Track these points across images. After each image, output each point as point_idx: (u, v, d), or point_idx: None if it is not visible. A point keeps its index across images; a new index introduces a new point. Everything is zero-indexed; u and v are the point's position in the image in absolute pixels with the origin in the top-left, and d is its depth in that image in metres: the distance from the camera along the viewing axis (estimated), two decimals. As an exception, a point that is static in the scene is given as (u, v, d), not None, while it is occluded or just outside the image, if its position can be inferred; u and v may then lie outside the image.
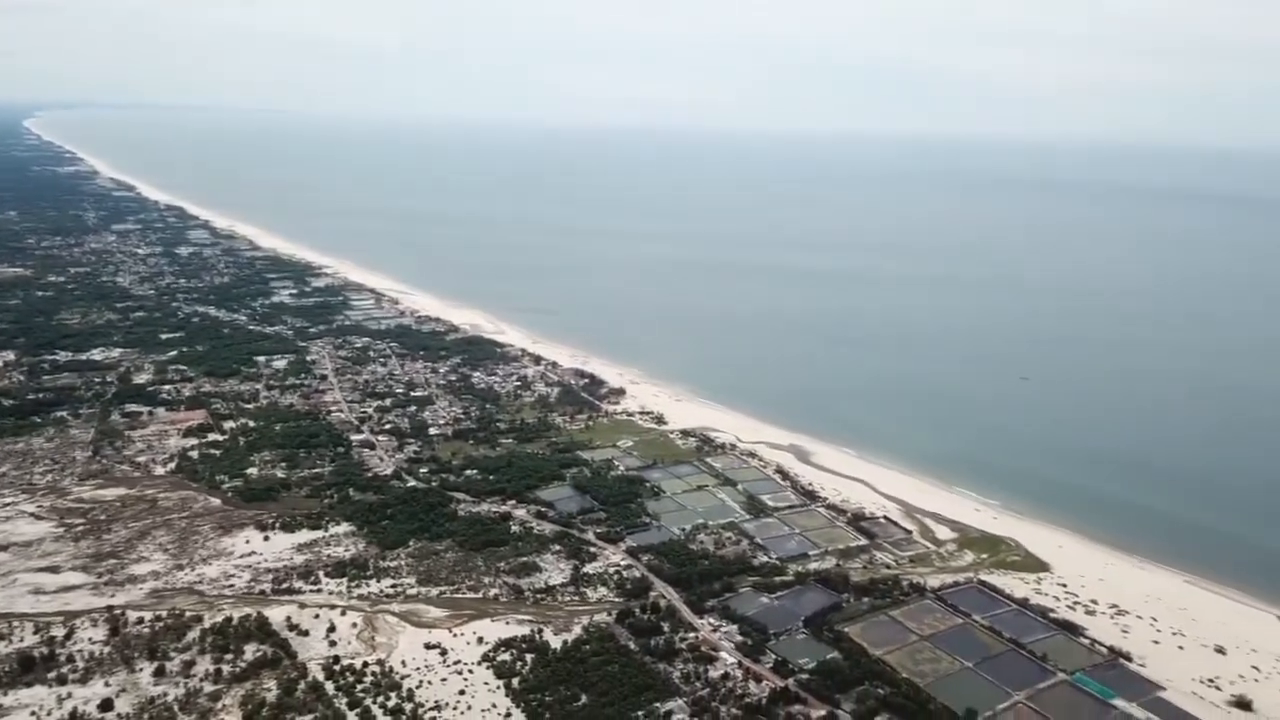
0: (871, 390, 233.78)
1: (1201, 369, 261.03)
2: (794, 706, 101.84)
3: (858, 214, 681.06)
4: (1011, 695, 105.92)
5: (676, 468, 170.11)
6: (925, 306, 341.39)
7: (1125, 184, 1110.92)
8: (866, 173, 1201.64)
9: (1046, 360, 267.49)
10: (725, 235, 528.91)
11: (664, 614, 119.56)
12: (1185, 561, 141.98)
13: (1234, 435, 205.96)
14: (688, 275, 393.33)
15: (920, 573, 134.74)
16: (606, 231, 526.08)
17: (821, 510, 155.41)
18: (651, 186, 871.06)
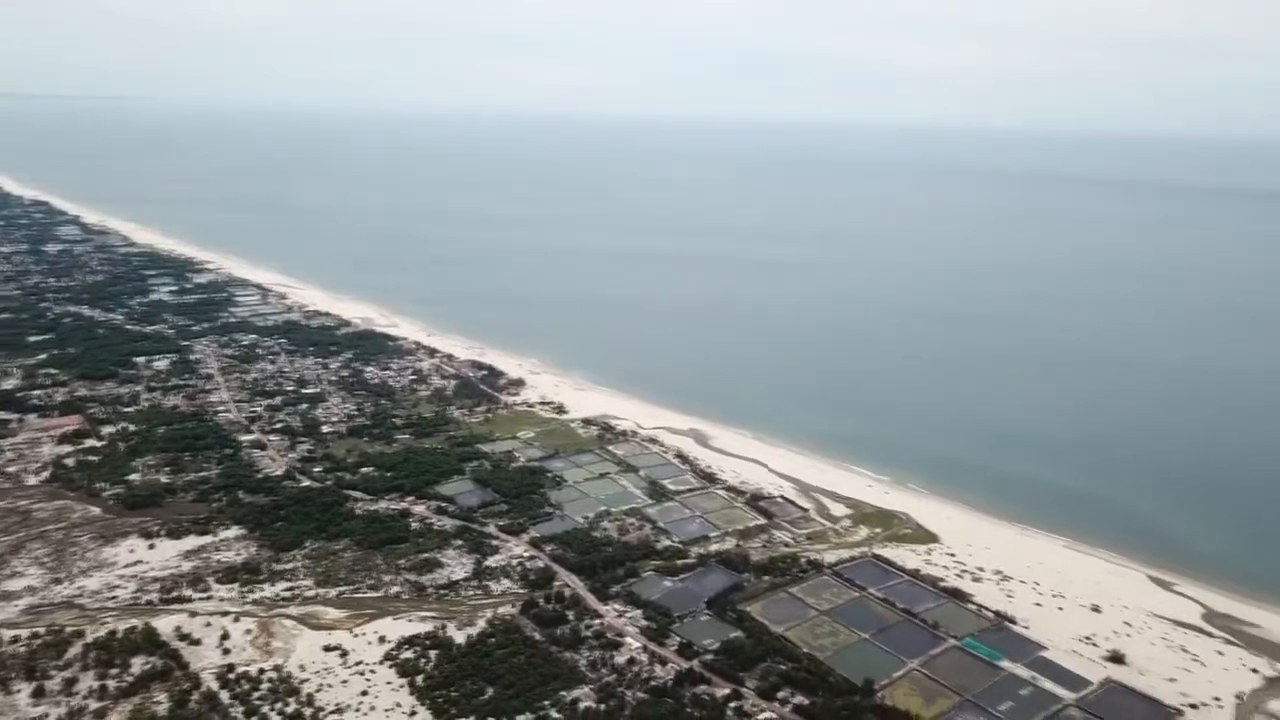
0: (766, 372, 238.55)
1: (1081, 344, 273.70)
2: (699, 687, 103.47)
3: (757, 200, 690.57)
4: (906, 663, 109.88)
5: (578, 457, 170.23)
6: (816, 289, 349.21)
7: (1031, 169, 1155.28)
8: (773, 158, 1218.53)
9: (932, 338, 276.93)
10: (620, 221, 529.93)
11: (569, 603, 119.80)
12: (1064, 527, 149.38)
13: (1110, 406, 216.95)
14: (584, 263, 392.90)
15: (817, 549, 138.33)
16: (499, 220, 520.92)
17: (721, 492, 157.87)
18: (549, 174, 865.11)
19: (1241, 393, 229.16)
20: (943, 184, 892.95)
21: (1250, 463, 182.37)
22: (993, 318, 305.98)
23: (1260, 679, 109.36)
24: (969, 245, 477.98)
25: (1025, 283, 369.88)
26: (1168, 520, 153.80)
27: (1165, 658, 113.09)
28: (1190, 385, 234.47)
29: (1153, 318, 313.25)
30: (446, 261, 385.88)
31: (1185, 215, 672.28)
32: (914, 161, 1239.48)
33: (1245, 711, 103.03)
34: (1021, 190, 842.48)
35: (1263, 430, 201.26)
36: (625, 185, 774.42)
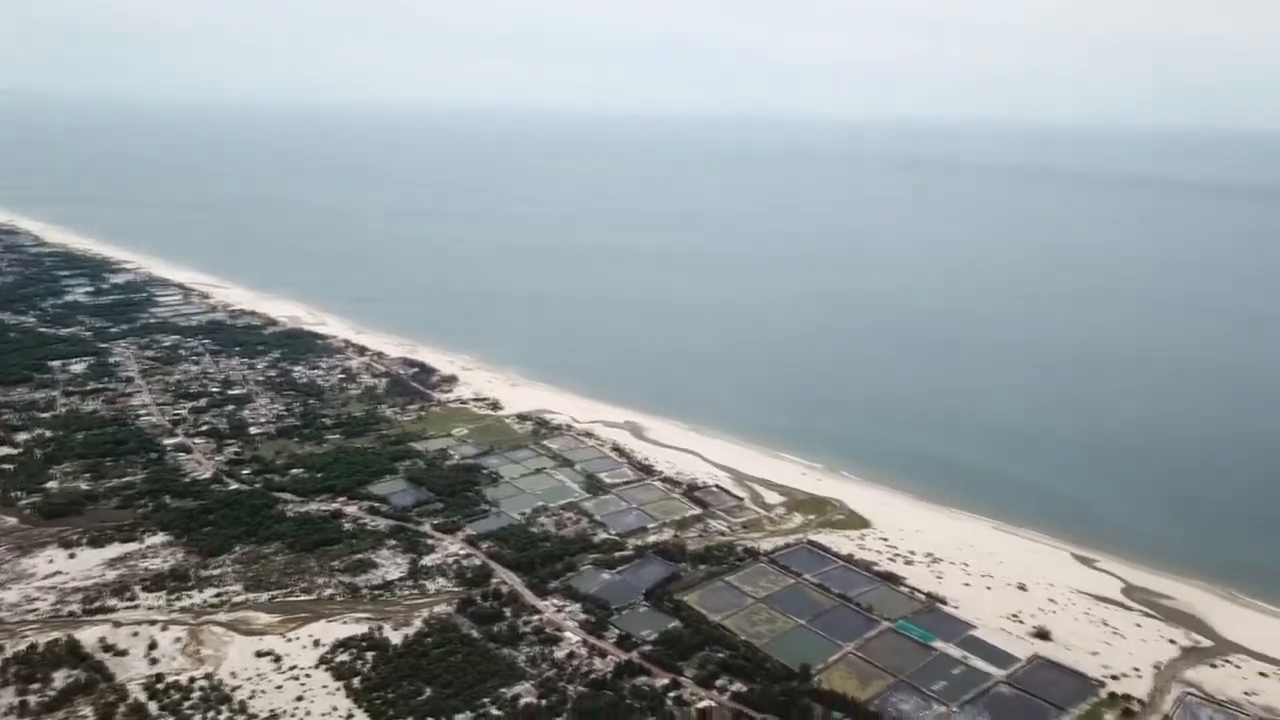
0: (700, 363, 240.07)
1: (1002, 332, 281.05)
2: (639, 678, 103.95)
3: (676, 192, 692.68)
4: (842, 647, 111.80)
5: (514, 452, 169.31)
6: (745, 280, 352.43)
7: (927, 158, 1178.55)
8: (687, 152, 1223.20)
9: (857, 328, 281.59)
10: (546, 216, 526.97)
11: (506, 599, 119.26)
12: (991, 509, 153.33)
13: (1033, 392, 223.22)
14: (513, 257, 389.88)
15: (753, 537, 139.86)
16: (429, 215, 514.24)
17: (657, 483, 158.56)
18: (462, 168, 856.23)
19: (1160, 377, 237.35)
20: (865, 175, 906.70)
21: (1167, 443, 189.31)
22: (915, 307, 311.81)
23: (1177, 649, 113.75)
24: (890, 235, 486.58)
25: (946, 271, 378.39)
26: (1089, 500, 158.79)
27: (1088, 632, 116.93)
28: (1109, 370, 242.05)
29: (1073, 304, 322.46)
30: (376, 258, 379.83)
31: (1049, 200, 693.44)
32: (847, 153, 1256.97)
33: (1163, 680, 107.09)
34: (940, 181, 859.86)
35: (1180, 412, 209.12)
36: (558, 179, 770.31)
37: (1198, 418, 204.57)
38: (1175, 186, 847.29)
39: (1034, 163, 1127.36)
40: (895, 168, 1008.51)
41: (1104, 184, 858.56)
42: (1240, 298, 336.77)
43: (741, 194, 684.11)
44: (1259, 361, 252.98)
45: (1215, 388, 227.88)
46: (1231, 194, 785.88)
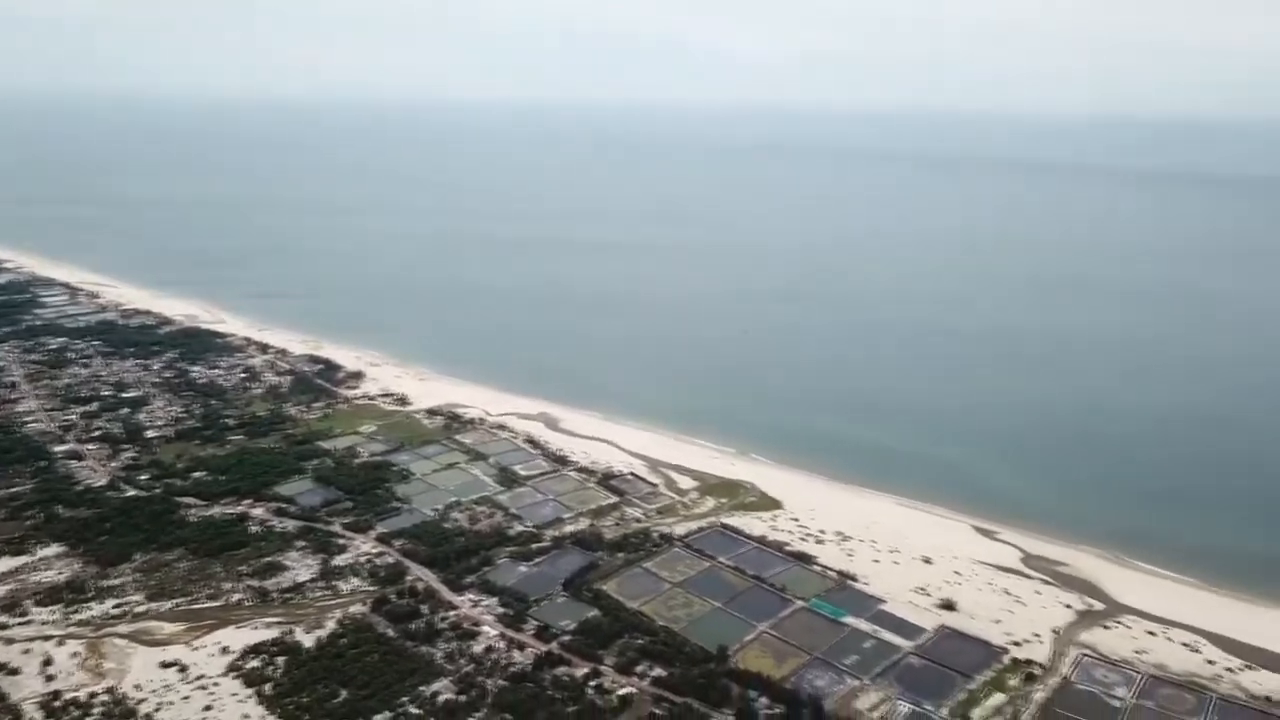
0: (610, 353, 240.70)
1: (908, 315, 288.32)
2: (559, 669, 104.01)
3: (588, 183, 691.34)
4: (757, 627, 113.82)
5: (425, 448, 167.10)
6: (653, 269, 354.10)
7: (833, 147, 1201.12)
8: (601, 141, 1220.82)
9: (768, 314, 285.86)
10: (452, 207, 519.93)
11: (422, 596, 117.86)
12: (897, 486, 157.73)
13: (936, 372, 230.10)
14: (417, 249, 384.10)
15: (668, 523, 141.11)
16: (326, 208, 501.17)
17: (572, 474, 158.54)
18: (372, 159, 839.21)
19: (1053, 353, 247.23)
20: (780, 164, 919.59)
21: (1060, 418, 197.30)
22: (823, 294, 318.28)
23: (1073, 613, 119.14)
24: (805, 222, 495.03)
25: (855, 256, 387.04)
26: (989, 475, 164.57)
27: (991, 601, 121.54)
28: (1006, 350, 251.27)
29: (977, 287, 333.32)
30: (274, 253, 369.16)
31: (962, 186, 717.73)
32: (754, 143, 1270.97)
33: (1061, 644, 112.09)
34: (872, 170, 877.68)
35: (1073, 386, 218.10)
36: (462, 169, 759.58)
37: (1090, 393, 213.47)
38: (1054, 169, 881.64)
39: (938, 150, 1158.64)
40: (826, 156, 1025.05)
41: (1018, 169, 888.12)
42: (1136, 277, 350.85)
43: (656, 186, 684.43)
44: (1153, 338, 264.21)
45: (1109, 363, 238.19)
46: (1085, 173, 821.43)
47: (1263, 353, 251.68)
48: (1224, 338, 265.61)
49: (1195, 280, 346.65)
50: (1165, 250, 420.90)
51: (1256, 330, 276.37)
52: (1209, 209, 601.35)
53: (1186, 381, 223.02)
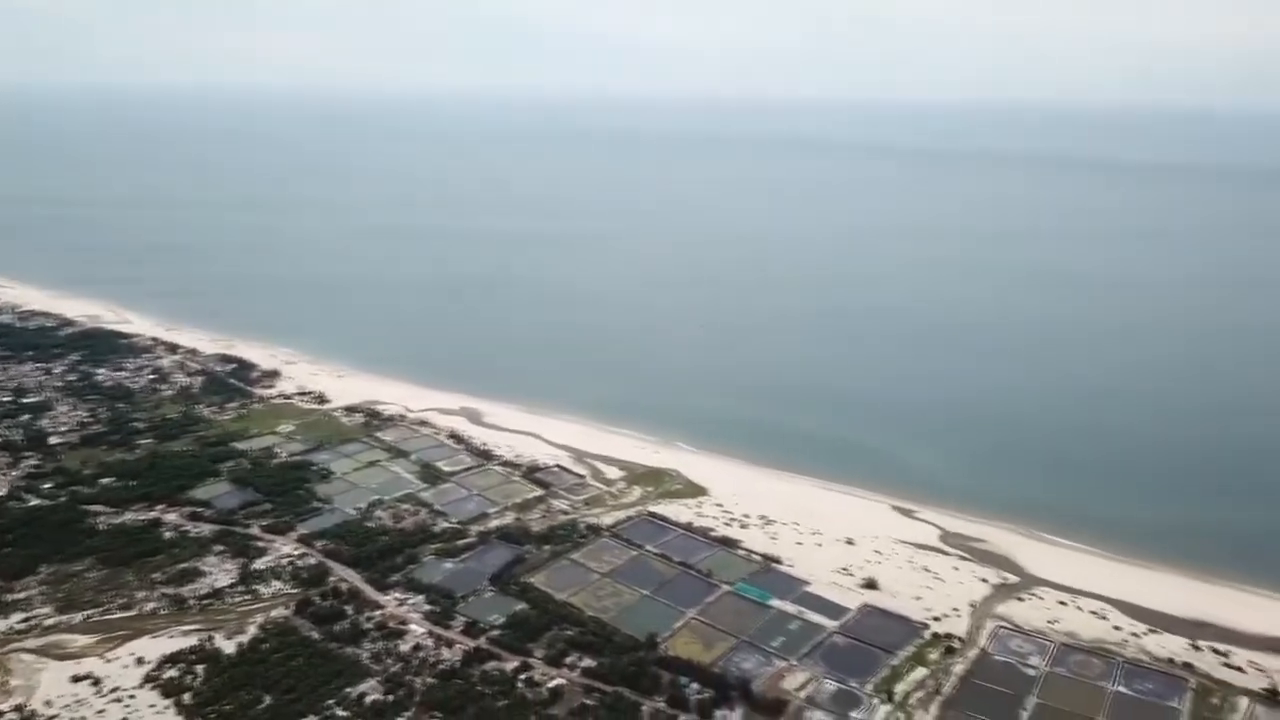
0: (532, 345, 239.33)
1: (825, 301, 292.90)
2: (488, 664, 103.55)
3: (499, 173, 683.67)
4: (685, 613, 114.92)
5: (345, 446, 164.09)
6: (572, 259, 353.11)
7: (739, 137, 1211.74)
8: (496, 132, 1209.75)
9: (685, 303, 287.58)
10: (354, 201, 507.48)
11: (346, 597, 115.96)
12: (818, 469, 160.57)
13: (853, 356, 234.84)
14: (324, 245, 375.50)
15: (595, 513, 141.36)
16: (229, 204, 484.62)
17: (497, 468, 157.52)
18: (275, 152, 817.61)
19: (963, 335, 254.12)
20: (698, 154, 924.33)
21: (973, 399, 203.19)
22: (739, 282, 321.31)
23: (989, 587, 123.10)
24: (721, 211, 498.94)
25: (773, 243, 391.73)
26: (907, 456, 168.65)
27: (911, 578, 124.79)
28: (920, 332, 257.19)
29: (893, 270, 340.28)
30: (178, 250, 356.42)
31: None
32: (674, 133, 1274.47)
33: (979, 617, 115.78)
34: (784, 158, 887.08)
35: (984, 367, 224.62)
36: (361, 163, 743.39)
37: (1000, 374, 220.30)
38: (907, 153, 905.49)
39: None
40: (752, 146, 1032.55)
41: (944, 157, 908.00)
42: (1050, 262, 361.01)
43: (574, 175, 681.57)
44: (1065, 322, 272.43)
45: (1014, 344, 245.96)
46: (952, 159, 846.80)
47: (1152, 330, 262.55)
48: (1114, 317, 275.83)
49: (1072, 261, 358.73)
50: (1051, 231, 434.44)
51: (1145, 309, 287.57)
52: (1094, 192, 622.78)
53: (1085, 360, 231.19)
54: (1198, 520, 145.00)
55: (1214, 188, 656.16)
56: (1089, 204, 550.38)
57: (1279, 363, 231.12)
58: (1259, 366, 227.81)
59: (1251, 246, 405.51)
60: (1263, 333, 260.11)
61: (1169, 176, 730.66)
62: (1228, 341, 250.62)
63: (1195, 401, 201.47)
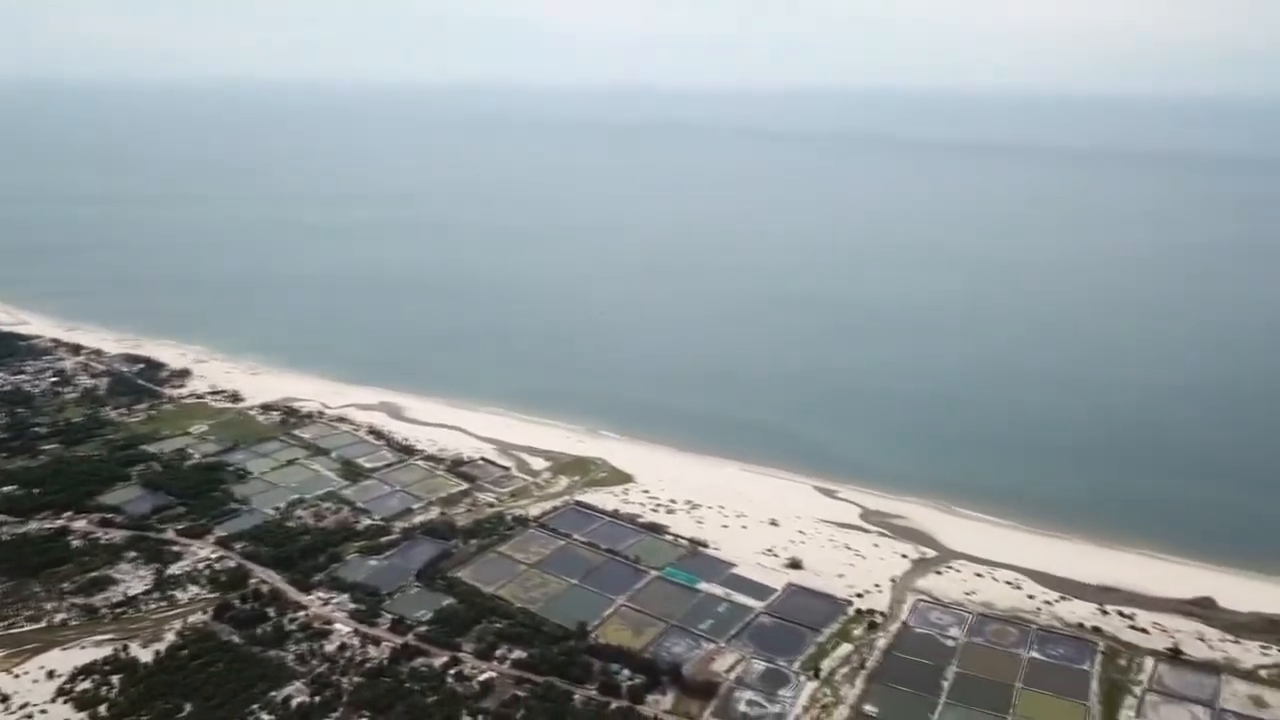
0: (452, 338, 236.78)
1: (747, 287, 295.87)
2: (416, 660, 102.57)
3: (413, 164, 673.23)
4: (614, 600, 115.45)
5: (261, 446, 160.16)
6: (488, 252, 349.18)
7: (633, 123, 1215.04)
8: (416, 121, 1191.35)
9: (606, 291, 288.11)
10: (260, 194, 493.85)
11: (268, 599, 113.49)
12: (741, 452, 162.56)
13: (774, 341, 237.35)
14: (230, 239, 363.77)
15: (522, 505, 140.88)
16: (130, 198, 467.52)
17: (420, 463, 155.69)
18: (185, 145, 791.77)
19: (878, 318, 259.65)
20: (621, 142, 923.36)
21: (888, 377, 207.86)
22: (663, 268, 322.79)
23: (909, 562, 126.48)
24: (639, 199, 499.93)
25: (687, 230, 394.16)
26: (826, 437, 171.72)
27: (834, 557, 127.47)
28: (835, 316, 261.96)
29: (807, 256, 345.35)
30: (78, 248, 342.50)
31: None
32: (595, 121, 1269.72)
33: (900, 592, 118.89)
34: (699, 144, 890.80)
35: (897, 347, 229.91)
36: (273, 155, 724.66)
37: (913, 353, 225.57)
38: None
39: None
40: (678, 133, 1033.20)
41: (875, 141, 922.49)
42: (970, 246, 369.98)
43: (480, 164, 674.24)
44: (989, 303, 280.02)
45: (928, 324, 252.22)
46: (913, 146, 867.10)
47: (1062, 310, 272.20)
48: (1025, 298, 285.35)
49: (979, 243, 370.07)
50: (954, 214, 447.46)
51: (1054, 290, 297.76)
52: (975, 174, 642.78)
53: (997, 339, 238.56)
54: (1104, 491, 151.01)
55: (1118, 173, 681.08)
56: (991, 188, 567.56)
57: (1188, 339, 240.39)
58: (1170, 343, 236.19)
59: (1171, 228, 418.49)
60: (1172, 311, 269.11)
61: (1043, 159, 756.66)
62: (1137, 319, 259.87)
63: (1102, 377, 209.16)
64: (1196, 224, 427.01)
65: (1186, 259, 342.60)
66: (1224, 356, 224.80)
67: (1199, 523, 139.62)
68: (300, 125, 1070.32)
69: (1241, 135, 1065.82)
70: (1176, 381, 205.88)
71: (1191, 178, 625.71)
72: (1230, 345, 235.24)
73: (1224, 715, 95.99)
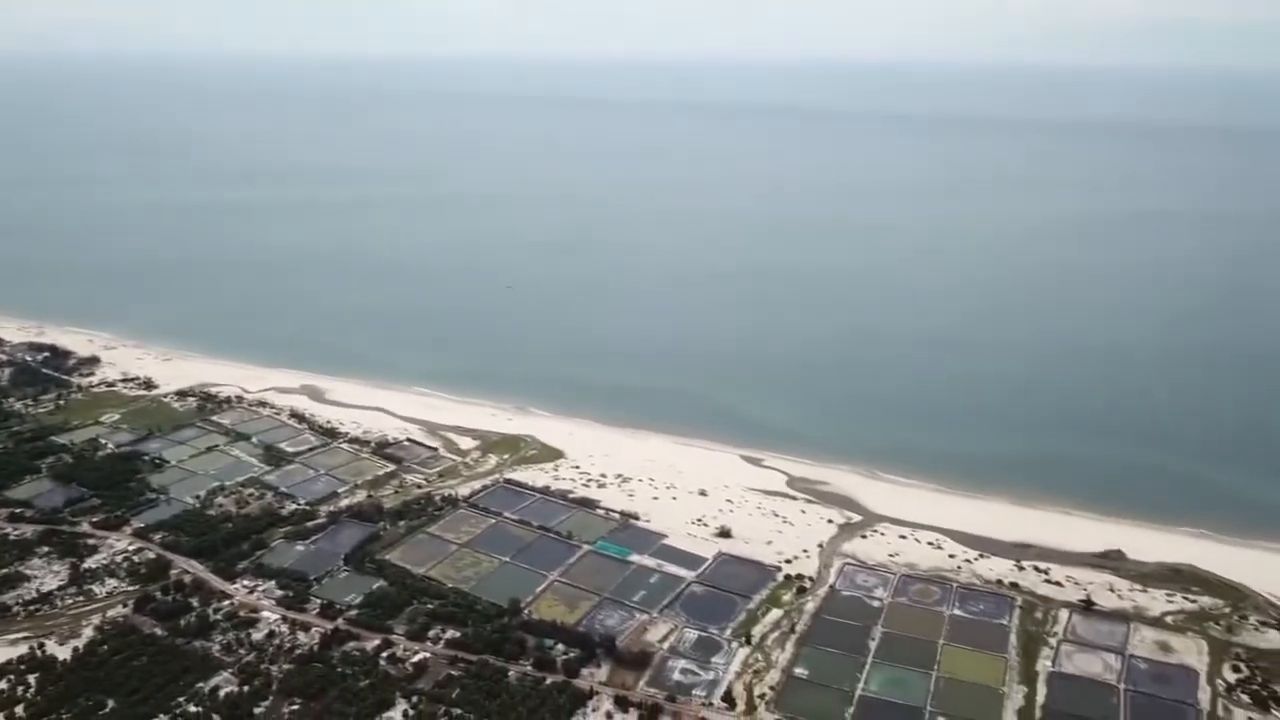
0: (372, 317, 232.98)
1: (663, 262, 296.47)
2: (348, 644, 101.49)
3: (292, 141, 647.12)
4: (547, 576, 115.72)
5: (178, 433, 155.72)
6: (403, 227, 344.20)
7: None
8: (301, 95, 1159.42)
9: (529, 267, 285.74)
10: (137, 174, 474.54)
11: (191, 589, 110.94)
12: (669, 424, 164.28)
13: (693, 314, 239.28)
14: (141, 221, 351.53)
15: (451, 485, 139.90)
16: (34, 179, 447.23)
17: (345, 446, 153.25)
18: (92, 124, 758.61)
19: (798, 288, 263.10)
20: (502, 115, 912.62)
21: (809, 346, 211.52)
22: (581, 244, 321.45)
23: (835, 527, 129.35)
24: (526, 171, 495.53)
25: (590, 203, 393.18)
26: (751, 407, 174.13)
27: (762, 524, 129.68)
28: (755, 287, 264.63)
29: (719, 228, 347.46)
30: (15, 229, 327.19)
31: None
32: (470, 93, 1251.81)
33: (827, 556, 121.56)
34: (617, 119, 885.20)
35: (817, 318, 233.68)
36: (188, 134, 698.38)
37: (835, 323, 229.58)
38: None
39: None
40: (556, 106, 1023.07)
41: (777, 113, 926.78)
42: (884, 217, 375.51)
43: (360, 142, 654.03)
44: (891, 273, 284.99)
45: (846, 295, 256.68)
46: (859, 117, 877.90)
47: (973, 280, 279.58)
48: (941, 269, 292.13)
49: (889, 213, 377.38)
50: (866, 185, 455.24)
51: (968, 261, 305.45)
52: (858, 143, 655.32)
53: (911, 309, 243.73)
54: (1018, 452, 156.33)
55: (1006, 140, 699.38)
56: (907, 160, 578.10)
57: (1094, 307, 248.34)
58: (1079, 310, 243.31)
59: (1091, 197, 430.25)
60: (1085, 280, 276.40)
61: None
62: (1051, 288, 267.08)
63: (1016, 344, 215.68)
64: (1103, 193, 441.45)
65: (1088, 225, 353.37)
66: (1119, 320, 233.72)
67: (1108, 479, 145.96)
68: (209, 103, 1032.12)
69: (1159, 104, 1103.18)
70: (1081, 344, 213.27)
71: (1113, 148, 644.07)
72: (1124, 310, 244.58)
73: (1133, 661, 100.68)
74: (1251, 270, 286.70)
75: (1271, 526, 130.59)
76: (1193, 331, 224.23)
